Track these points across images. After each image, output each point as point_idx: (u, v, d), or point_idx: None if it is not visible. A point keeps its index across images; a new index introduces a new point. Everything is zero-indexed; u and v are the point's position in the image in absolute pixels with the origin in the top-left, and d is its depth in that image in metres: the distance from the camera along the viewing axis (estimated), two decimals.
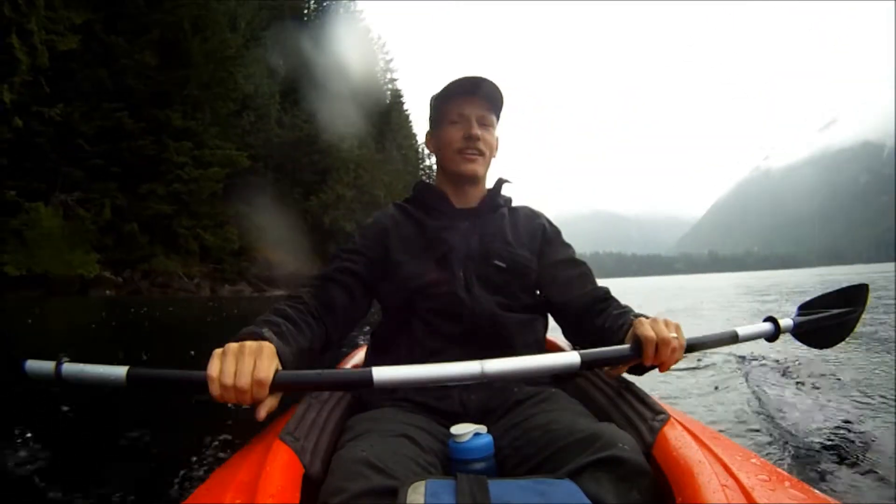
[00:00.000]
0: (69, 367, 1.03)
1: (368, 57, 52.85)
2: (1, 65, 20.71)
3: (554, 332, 1.53)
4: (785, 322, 1.56)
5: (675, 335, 1.08)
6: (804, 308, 1.90)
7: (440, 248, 1.33)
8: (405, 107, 66.08)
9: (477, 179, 1.41)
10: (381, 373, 0.95)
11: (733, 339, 1.32)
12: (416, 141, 67.03)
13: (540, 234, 1.45)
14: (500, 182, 1.48)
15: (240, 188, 30.00)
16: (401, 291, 1.30)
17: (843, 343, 1.92)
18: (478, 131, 1.36)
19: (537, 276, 1.39)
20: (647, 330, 1.07)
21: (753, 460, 0.90)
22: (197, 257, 29.12)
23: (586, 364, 1.04)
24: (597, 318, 1.26)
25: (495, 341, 1.26)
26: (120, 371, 0.98)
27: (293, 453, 0.90)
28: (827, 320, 1.79)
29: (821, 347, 2.03)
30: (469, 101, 1.36)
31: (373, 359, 1.39)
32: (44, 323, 9.92)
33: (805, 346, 1.92)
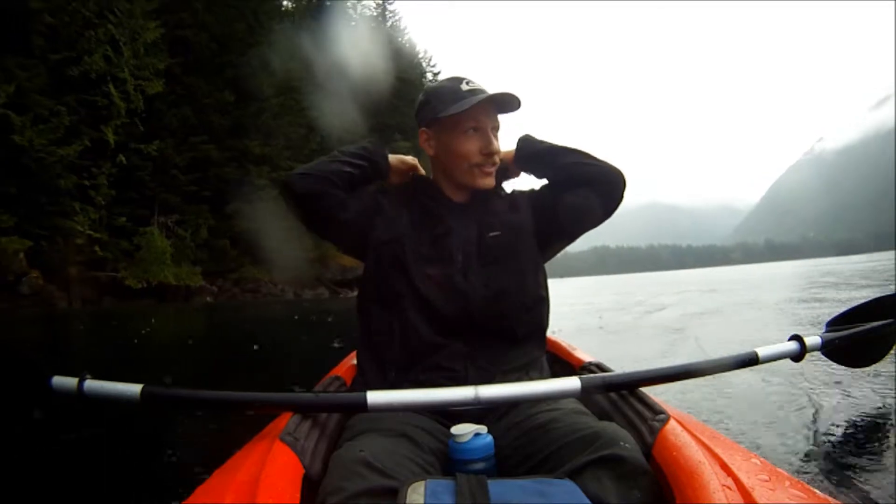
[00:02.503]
0: (90, 384, 1.08)
1: (416, 70, 52.97)
2: (102, 110, 22.41)
3: (554, 332, 1.46)
4: (812, 340, 1.43)
5: None
6: (834, 323, 1.72)
7: (439, 228, 1.24)
8: None
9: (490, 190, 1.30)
10: (376, 396, 0.95)
11: (753, 360, 1.24)
12: None
13: (527, 198, 1.35)
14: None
15: None
16: (394, 246, 1.21)
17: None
18: (496, 146, 1.25)
19: (556, 217, 1.28)
20: None
21: (753, 460, 0.84)
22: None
23: (587, 390, 1.01)
24: None
25: (495, 329, 1.19)
26: (135, 389, 1.02)
27: (293, 453, 0.87)
28: (861, 335, 1.61)
29: (857, 367, 1.88)
30: (485, 110, 1.24)
31: (364, 350, 1.27)
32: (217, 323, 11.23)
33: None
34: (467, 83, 1.25)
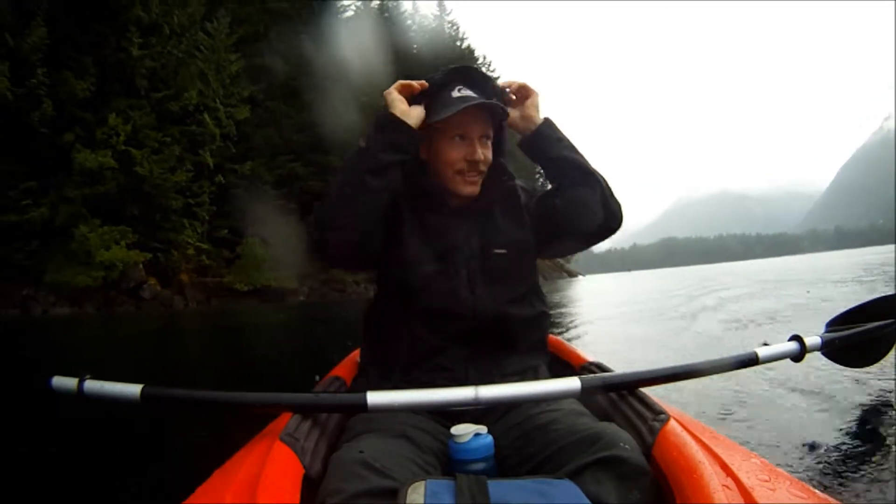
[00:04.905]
0: (91, 384, 1.05)
1: None
2: (198, 136, 24.16)
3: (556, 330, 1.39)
4: (812, 340, 1.36)
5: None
6: (834, 323, 1.64)
7: (442, 243, 1.16)
8: None
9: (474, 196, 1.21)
10: (376, 397, 0.92)
11: (753, 361, 1.18)
12: None
13: (525, 205, 1.25)
14: (497, 175, 1.24)
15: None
16: (401, 274, 1.14)
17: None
18: (481, 154, 1.15)
19: (555, 217, 1.20)
20: None
21: (753, 460, 0.80)
22: None
23: (587, 390, 0.96)
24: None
25: (499, 340, 1.14)
26: (135, 389, 0.99)
27: (293, 454, 0.84)
28: (861, 336, 1.53)
29: (856, 366, 1.79)
30: (474, 118, 1.15)
31: (369, 355, 1.24)
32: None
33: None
34: (459, 89, 1.17)
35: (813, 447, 1.71)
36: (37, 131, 19.75)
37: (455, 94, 1.16)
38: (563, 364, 1.44)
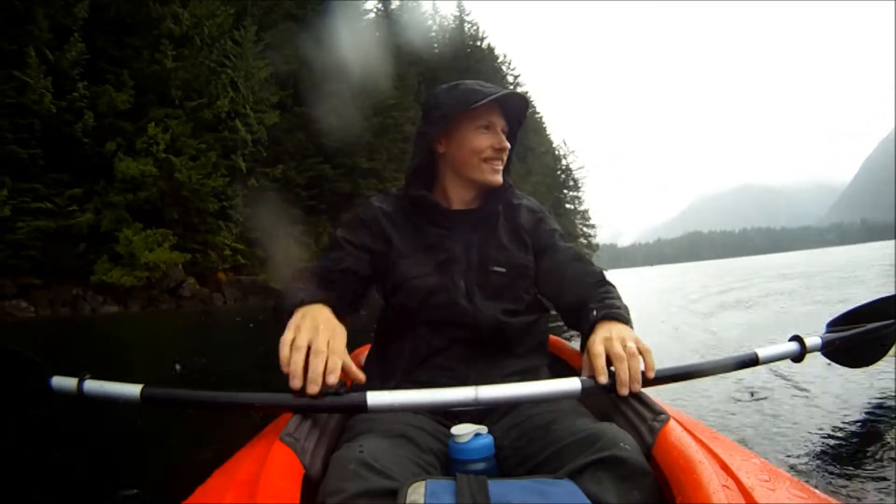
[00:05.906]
0: (90, 384, 1.02)
1: (497, 74, 52.17)
2: (229, 141, 24.82)
3: (557, 330, 1.37)
4: (812, 341, 1.33)
5: (629, 346, 0.95)
6: (834, 324, 1.61)
7: (440, 254, 1.17)
8: (538, 114, 64.79)
9: (495, 188, 1.23)
10: (376, 397, 0.90)
11: (753, 361, 1.14)
12: (552, 143, 65.44)
13: (526, 228, 1.26)
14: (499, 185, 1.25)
15: None
16: (401, 293, 1.16)
17: None
18: (507, 144, 1.20)
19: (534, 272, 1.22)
20: (596, 346, 0.97)
21: (753, 460, 0.77)
22: None
23: (587, 390, 0.93)
24: (582, 321, 1.10)
25: (498, 346, 1.13)
26: (135, 389, 0.97)
27: (293, 454, 0.82)
28: (861, 336, 1.51)
29: (856, 367, 1.77)
30: (497, 112, 1.19)
31: (372, 355, 1.25)
32: None
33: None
34: (481, 84, 1.19)
35: (813, 446, 1.69)
36: (80, 141, 20.50)
37: (478, 87, 1.17)
38: (564, 364, 1.41)
